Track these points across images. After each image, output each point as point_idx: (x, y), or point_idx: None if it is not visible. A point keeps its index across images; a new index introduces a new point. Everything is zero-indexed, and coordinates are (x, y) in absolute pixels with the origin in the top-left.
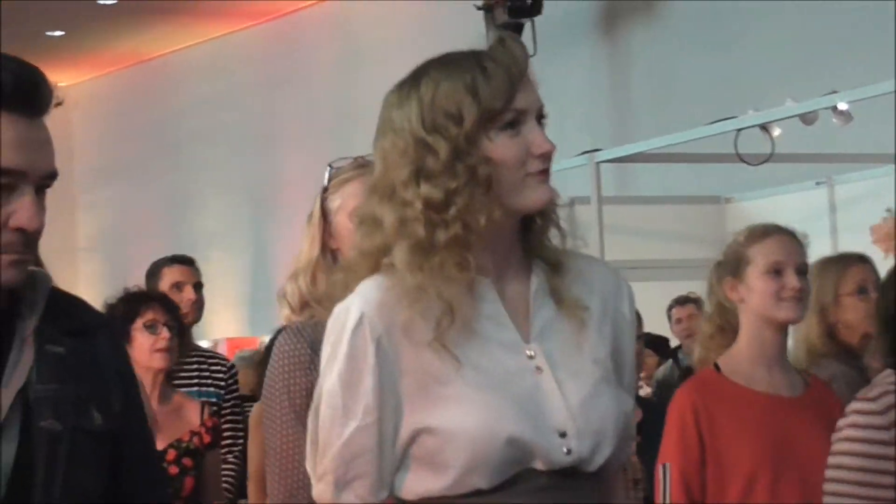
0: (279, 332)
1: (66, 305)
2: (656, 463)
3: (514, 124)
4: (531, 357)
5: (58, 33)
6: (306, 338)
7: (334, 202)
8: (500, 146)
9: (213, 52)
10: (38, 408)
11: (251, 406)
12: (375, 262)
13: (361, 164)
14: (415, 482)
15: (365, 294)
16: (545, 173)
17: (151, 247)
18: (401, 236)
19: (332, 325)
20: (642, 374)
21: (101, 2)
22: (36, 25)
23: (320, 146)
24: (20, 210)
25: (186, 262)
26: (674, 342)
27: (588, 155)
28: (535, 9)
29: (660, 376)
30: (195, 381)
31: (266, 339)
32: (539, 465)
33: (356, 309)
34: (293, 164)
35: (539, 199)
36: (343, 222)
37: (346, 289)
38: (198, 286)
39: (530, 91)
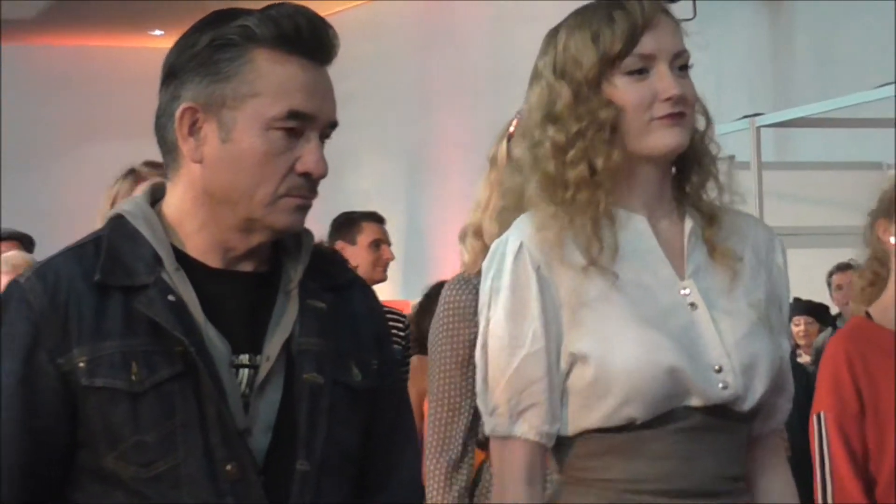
0: (432, 287)
1: (327, 262)
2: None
3: (641, 69)
4: (686, 294)
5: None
6: (472, 288)
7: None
8: (623, 90)
9: (370, 14)
10: (300, 361)
11: None
12: (518, 198)
13: None
14: (573, 417)
15: (520, 227)
16: (674, 117)
17: None
18: (534, 172)
19: (489, 260)
20: (802, 342)
21: None
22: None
23: (474, 107)
24: (307, 154)
25: (384, 221)
26: (834, 310)
27: (748, 119)
28: None
29: (819, 344)
30: None
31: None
32: (695, 400)
33: (514, 240)
34: (447, 124)
35: (664, 143)
36: None
37: (503, 225)
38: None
39: (663, 36)
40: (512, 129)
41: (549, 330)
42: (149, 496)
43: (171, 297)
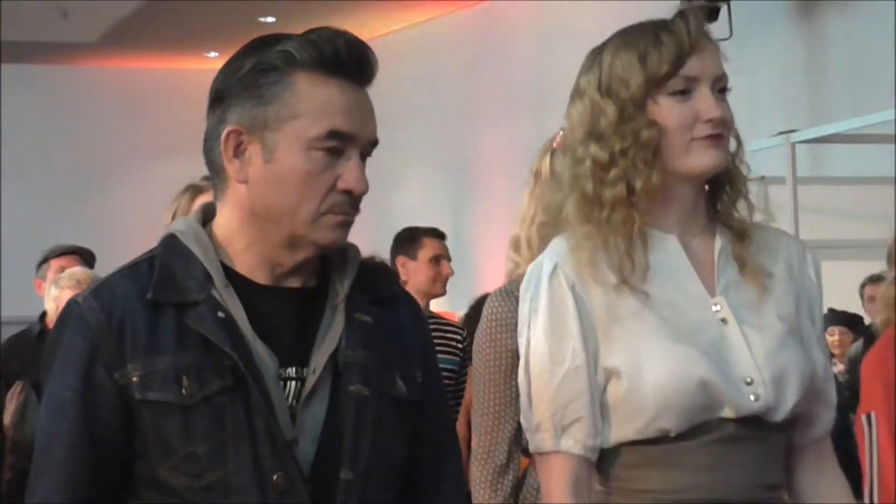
0: (478, 299)
1: (373, 276)
2: (855, 420)
3: (684, 90)
4: (717, 310)
5: (270, 19)
6: (515, 300)
7: (559, 164)
8: (666, 110)
9: (418, 36)
10: (346, 372)
11: None
12: (557, 214)
13: None
14: (610, 427)
15: (554, 248)
16: (714, 139)
17: (358, 217)
18: (572, 190)
19: (527, 281)
20: (837, 352)
21: None
22: (250, 11)
23: (518, 124)
24: (347, 173)
25: (444, 237)
26: (867, 320)
27: (784, 135)
28: None
29: (852, 353)
30: (435, 347)
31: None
32: (727, 412)
33: (549, 262)
34: (492, 142)
35: (703, 163)
36: None
37: (544, 240)
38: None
39: (706, 60)
40: (555, 144)
41: (588, 346)
42: None
43: (220, 314)
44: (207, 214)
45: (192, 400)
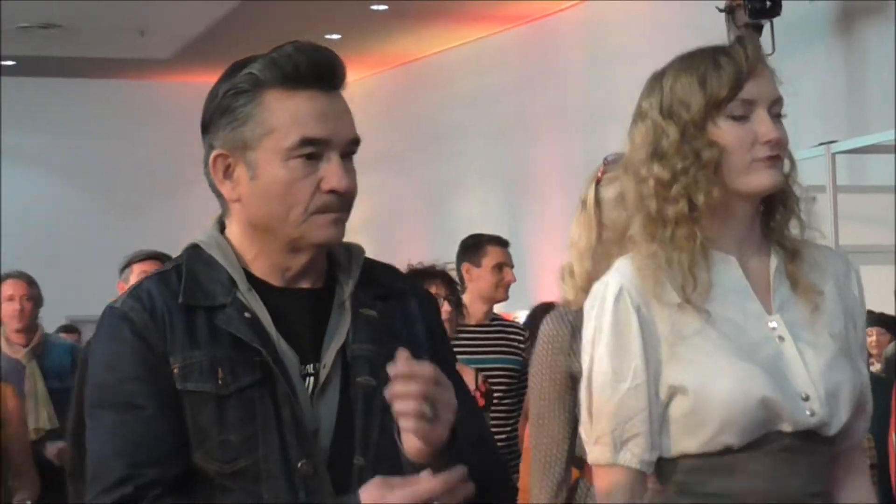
0: (535, 308)
1: (379, 273)
2: (888, 436)
3: (743, 113)
4: (774, 327)
5: (335, 36)
6: (568, 323)
7: (608, 192)
8: (726, 132)
9: (474, 53)
10: (355, 365)
11: None
12: (621, 233)
13: None
14: (673, 442)
15: (620, 269)
16: (772, 159)
17: (416, 230)
18: (637, 210)
19: (591, 300)
20: (874, 352)
21: (375, 7)
22: (316, 29)
23: (571, 138)
24: (329, 174)
25: (507, 244)
26: None
27: (824, 146)
28: (774, 10)
29: (889, 353)
30: (497, 348)
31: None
32: (785, 426)
33: (615, 283)
34: (546, 154)
35: (762, 182)
36: (614, 212)
37: (606, 257)
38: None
39: (763, 84)
40: (599, 174)
41: (649, 365)
42: (231, 489)
43: (246, 314)
44: (222, 224)
45: (226, 390)
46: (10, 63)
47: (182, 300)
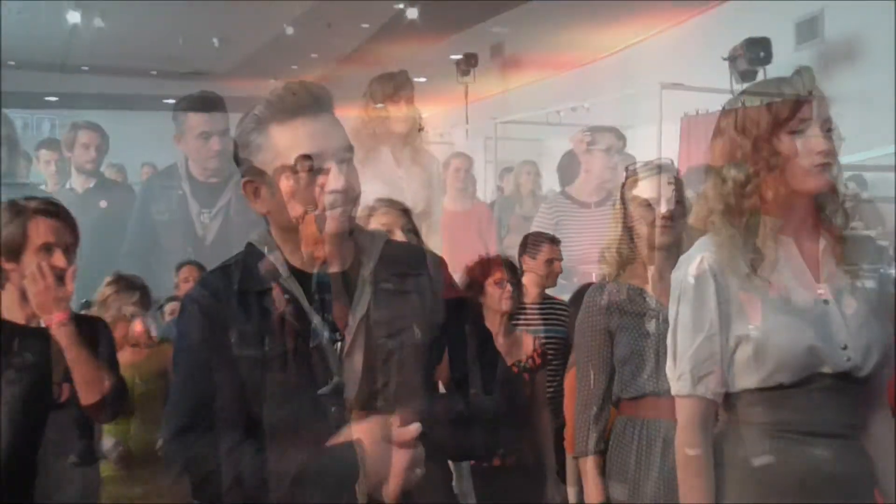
0: (580, 288)
1: (398, 252)
2: None
3: (800, 129)
4: (821, 293)
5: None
6: (605, 292)
7: (629, 194)
8: (787, 144)
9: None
10: (375, 329)
11: None
12: (703, 221)
13: (655, 166)
14: (737, 378)
15: (701, 246)
16: (824, 166)
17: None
18: (718, 203)
19: (678, 269)
20: None
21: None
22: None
23: None
24: (329, 179)
25: (559, 242)
26: None
27: None
28: (767, 59)
29: None
30: (548, 321)
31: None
32: (826, 368)
33: (698, 255)
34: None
35: (817, 183)
36: (635, 209)
37: (689, 240)
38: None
39: (817, 107)
40: (624, 180)
41: (722, 319)
42: (276, 433)
43: (286, 296)
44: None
45: (272, 354)
46: None
47: (238, 286)
